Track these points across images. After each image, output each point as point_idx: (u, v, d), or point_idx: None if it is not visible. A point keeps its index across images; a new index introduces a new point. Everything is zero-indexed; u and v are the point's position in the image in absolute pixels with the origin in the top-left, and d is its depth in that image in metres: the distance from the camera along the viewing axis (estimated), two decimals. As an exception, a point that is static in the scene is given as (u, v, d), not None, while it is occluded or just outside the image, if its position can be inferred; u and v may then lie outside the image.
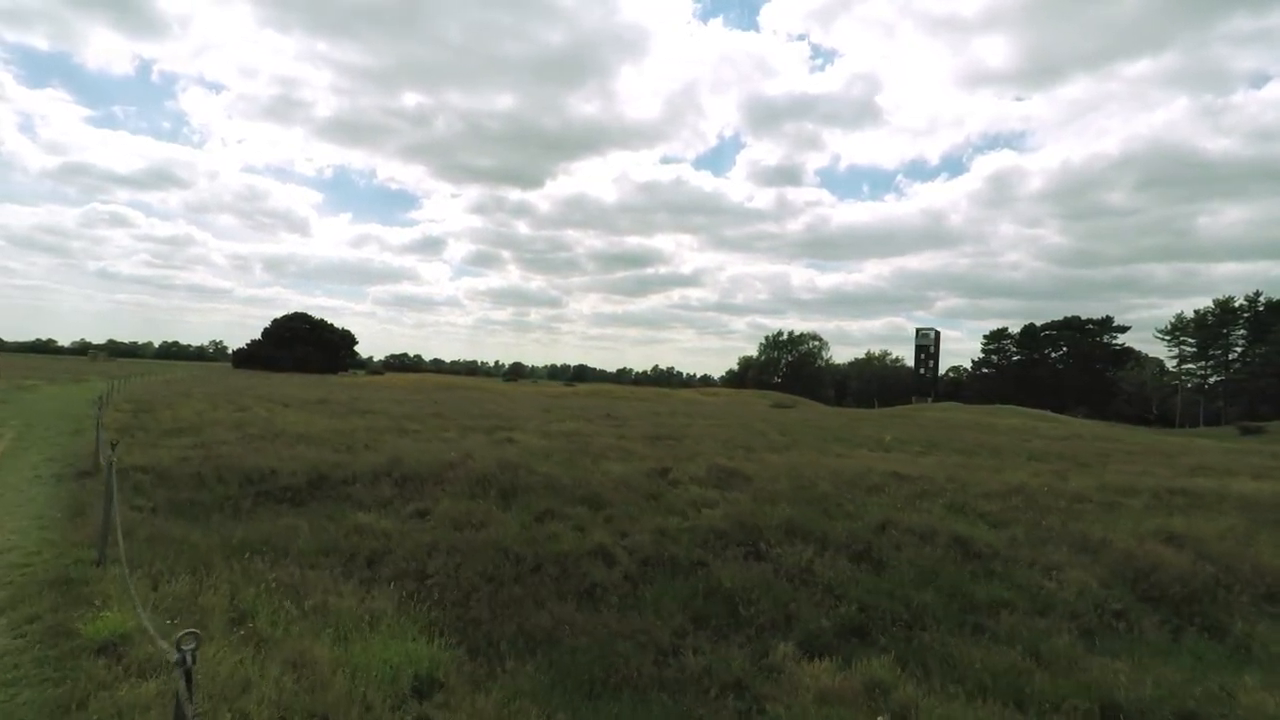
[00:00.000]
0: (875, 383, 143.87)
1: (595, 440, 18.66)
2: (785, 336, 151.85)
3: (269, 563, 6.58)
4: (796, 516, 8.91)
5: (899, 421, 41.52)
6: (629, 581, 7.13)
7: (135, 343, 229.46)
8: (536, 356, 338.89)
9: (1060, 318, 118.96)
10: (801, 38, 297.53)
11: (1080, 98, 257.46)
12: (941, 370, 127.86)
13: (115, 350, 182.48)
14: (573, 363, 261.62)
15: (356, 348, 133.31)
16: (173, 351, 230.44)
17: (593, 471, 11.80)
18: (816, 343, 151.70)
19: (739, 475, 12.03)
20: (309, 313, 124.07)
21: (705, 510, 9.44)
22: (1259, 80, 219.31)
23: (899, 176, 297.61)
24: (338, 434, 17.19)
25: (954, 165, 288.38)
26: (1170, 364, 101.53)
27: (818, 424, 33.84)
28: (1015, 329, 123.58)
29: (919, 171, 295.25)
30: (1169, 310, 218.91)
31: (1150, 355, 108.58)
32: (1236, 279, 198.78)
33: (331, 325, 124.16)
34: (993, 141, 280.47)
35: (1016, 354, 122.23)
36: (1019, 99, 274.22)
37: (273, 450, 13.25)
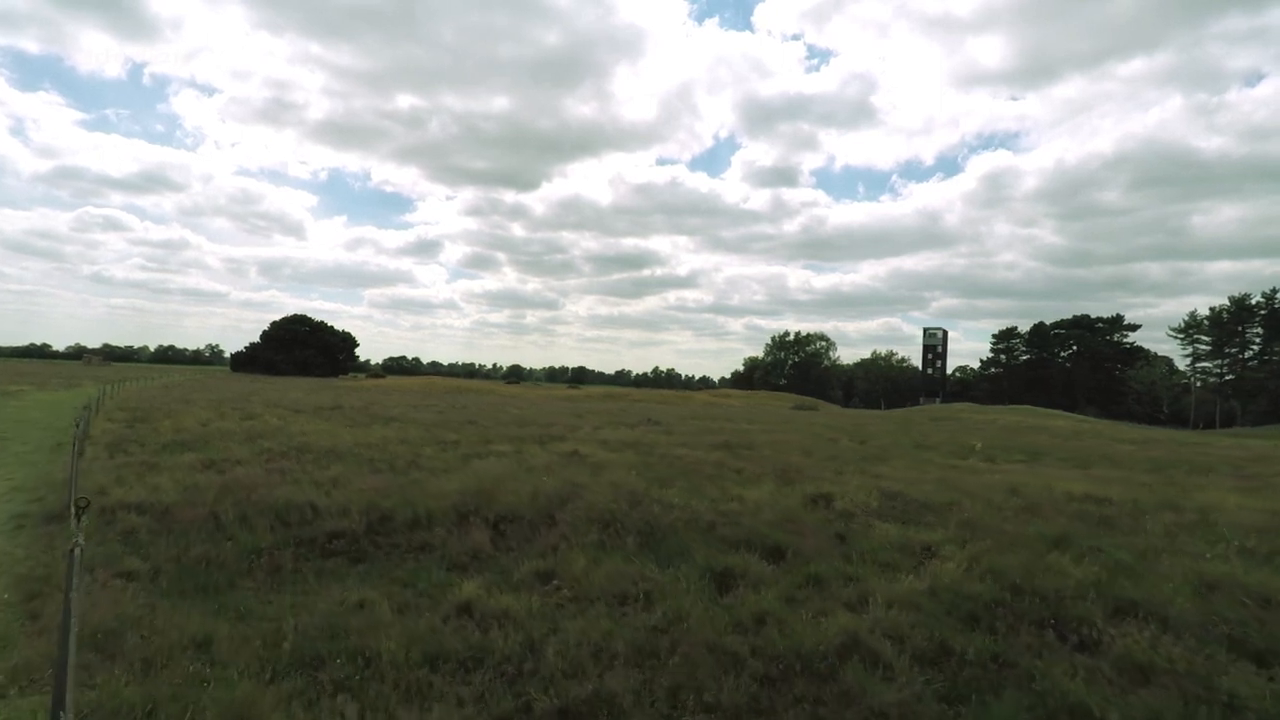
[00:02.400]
0: (882, 383, 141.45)
1: (670, 451, 15.94)
2: (792, 337, 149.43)
3: (357, 702, 3.81)
4: (1086, 576, 6.16)
5: (948, 425, 38.85)
6: (922, 704, 4.37)
7: (131, 347, 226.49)
8: (534, 359, 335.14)
9: (1068, 316, 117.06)
10: (796, 38, 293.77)
11: (1074, 97, 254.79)
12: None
13: (111, 354, 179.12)
14: (571, 365, 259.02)
15: (355, 350, 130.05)
16: (169, 355, 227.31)
17: (727, 500, 9.07)
18: (823, 343, 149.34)
19: (914, 502, 9.30)
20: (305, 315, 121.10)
21: (933, 562, 6.70)
22: (1253, 79, 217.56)
23: (894, 177, 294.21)
24: (369, 448, 14.44)
25: (949, 165, 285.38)
26: (1183, 362, 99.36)
27: (874, 429, 31.13)
28: (1010, 328, 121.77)
29: (914, 172, 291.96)
30: (1164, 309, 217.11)
31: (1158, 354, 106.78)
32: (1231, 277, 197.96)
33: (332, 327, 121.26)
34: (987, 141, 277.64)
35: (1025, 353, 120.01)
36: (1014, 99, 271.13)
37: (303, 473, 10.50)
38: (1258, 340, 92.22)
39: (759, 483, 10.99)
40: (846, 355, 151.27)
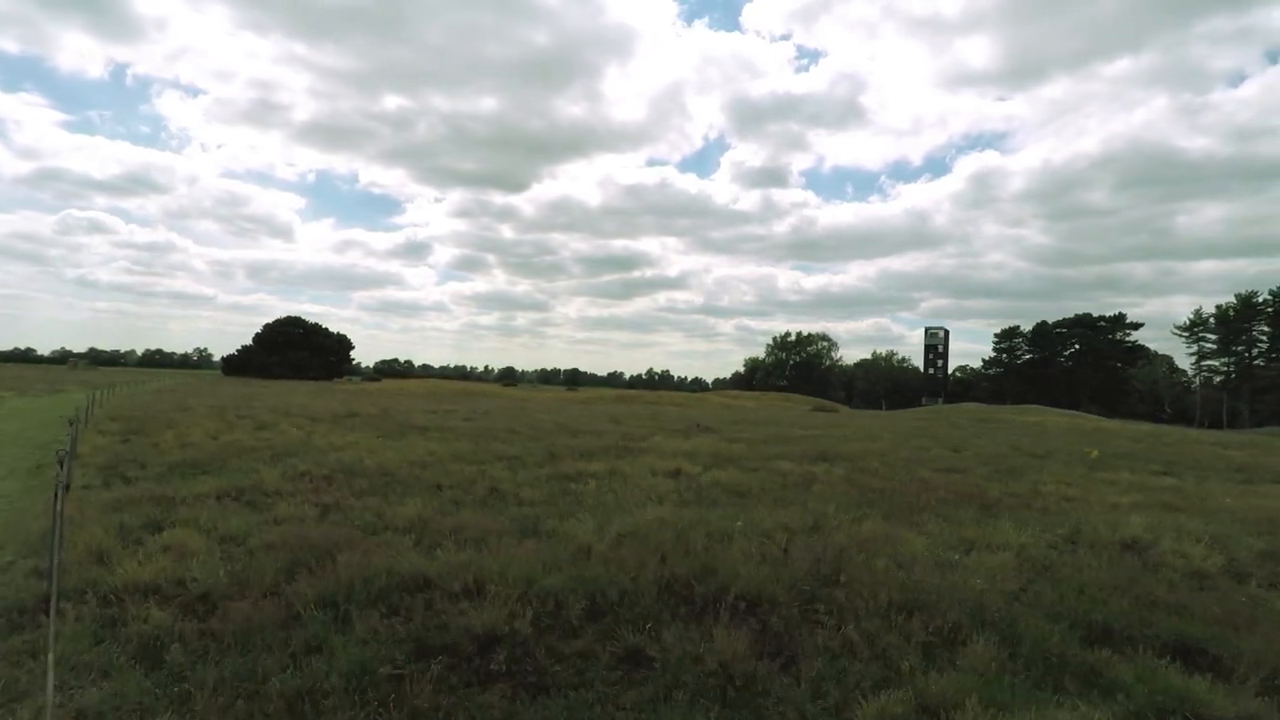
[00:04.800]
0: (883, 383, 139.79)
1: (773, 465, 13.33)
2: (793, 338, 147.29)
3: None
4: None
5: (1005, 428, 36.40)
6: None
7: (117, 351, 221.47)
8: (525, 360, 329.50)
9: (1057, 317, 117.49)
10: (785, 38, 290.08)
11: (1061, 98, 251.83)
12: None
13: (96, 359, 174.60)
14: (564, 367, 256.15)
15: (350, 353, 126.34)
16: (156, 359, 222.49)
17: (973, 545, 6.42)
18: (825, 343, 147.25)
19: (1253, 553, 6.67)
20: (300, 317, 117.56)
21: None
22: (1236, 79, 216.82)
23: (883, 177, 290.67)
24: (424, 468, 11.78)
25: (937, 166, 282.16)
26: (1187, 360, 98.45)
27: (943, 434, 28.56)
28: (1012, 328, 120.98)
29: (903, 172, 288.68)
30: (1149, 309, 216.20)
31: (1158, 353, 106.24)
32: (1215, 277, 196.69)
33: (327, 330, 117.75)
34: (975, 142, 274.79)
35: (1028, 352, 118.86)
36: (1001, 99, 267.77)
37: (367, 510, 7.80)
38: (1264, 338, 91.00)
39: (961, 517, 8.38)
40: (838, 356, 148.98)
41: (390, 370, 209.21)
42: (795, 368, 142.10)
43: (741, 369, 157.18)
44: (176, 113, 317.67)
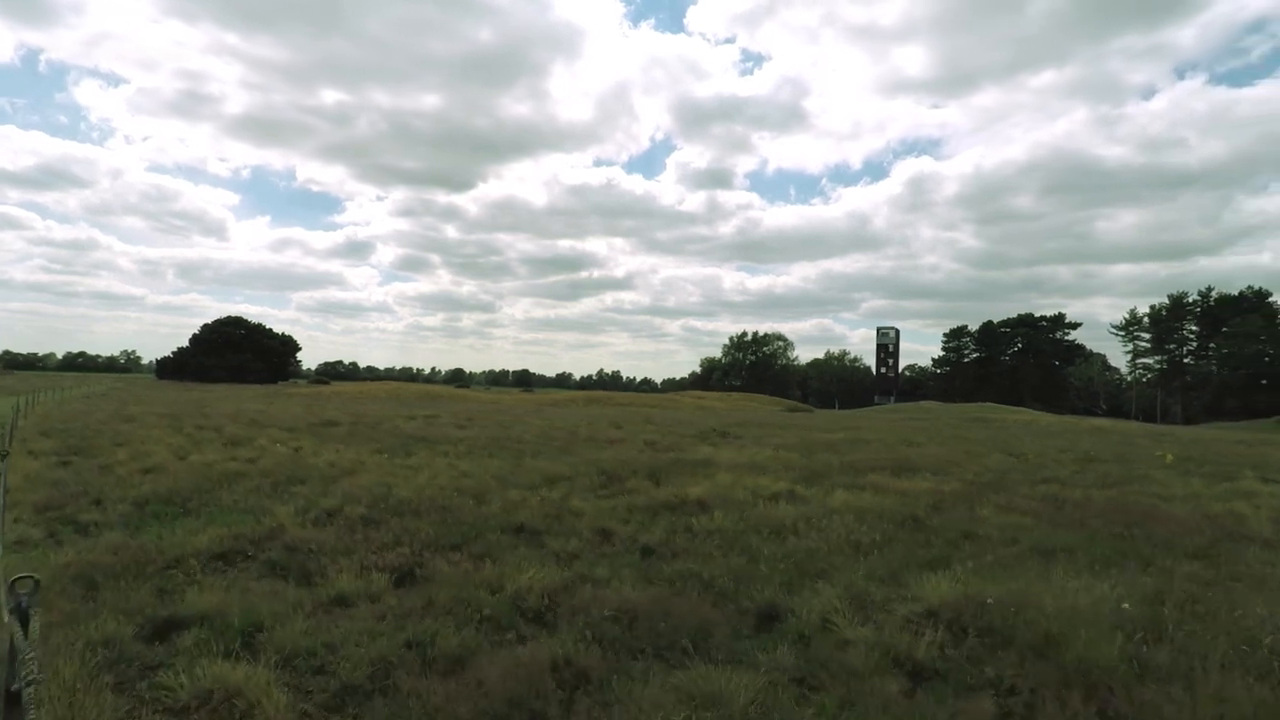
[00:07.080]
0: (836, 382, 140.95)
1: (882, 483, 11.22)
2: (750, 338, 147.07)
3: None
4: None
5: (997, 428, 35.43)
6: None
7: (35, 354, 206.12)
8: (471, 362, 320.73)
9: (990, 318, 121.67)
10: (729, 41, 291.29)
11: (990, 106, 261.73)
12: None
13: (11, 362, 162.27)
14: (511, 368, 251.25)
15: (296, 355, 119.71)
16: (79, 363, 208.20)
17: None
18: (781, 343, 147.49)
19: None
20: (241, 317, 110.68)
21: None
22: (1148, 92, 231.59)
23: (824, 180, 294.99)
24: (475, 498, 9.41)
25: (876, 170, 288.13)
26: (1123, 359, 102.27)
27: (971, 435, 27.09)
28: (960, 327, 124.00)
29: (843, 175, 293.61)
30: (1072, 310, 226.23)
31: (1093, 351, 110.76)
32: (1130, 279, 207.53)
33: (270, 330, 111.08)
34: (911, 147, 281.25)
35: (975, 351, 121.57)
36: (935, 106, 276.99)
37: (474, 583, 5.33)
38: (1193, 337, 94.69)
39: (1248, 558, 6.39)
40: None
41: (334, 373, 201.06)
42: (751, 367, 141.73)
43: (698, 369, 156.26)
44: (97, 102, 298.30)
